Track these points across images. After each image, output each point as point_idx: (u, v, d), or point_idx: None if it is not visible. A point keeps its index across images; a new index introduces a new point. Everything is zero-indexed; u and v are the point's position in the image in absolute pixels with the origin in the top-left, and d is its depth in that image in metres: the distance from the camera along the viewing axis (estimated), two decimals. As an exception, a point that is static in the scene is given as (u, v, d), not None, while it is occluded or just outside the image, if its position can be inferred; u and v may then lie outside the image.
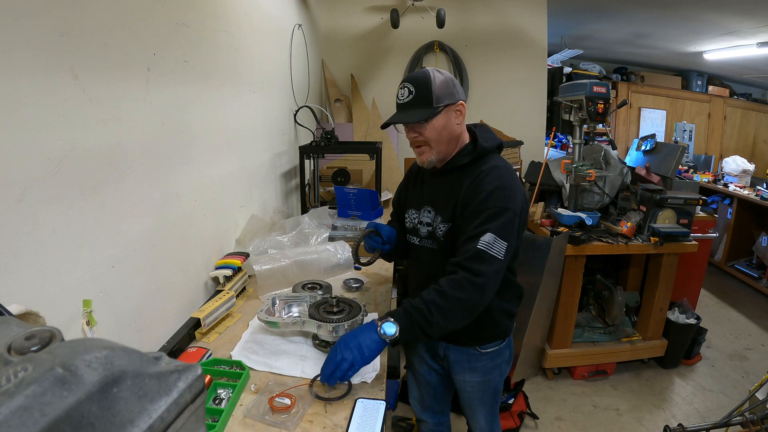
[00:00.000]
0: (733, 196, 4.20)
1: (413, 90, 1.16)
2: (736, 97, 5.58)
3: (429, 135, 1.19)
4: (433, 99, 1.15)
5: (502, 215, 1.11)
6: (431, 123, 1.17)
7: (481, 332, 1.29)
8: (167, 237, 1.22)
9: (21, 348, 0.35)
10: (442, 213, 1.24)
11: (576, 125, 2.48)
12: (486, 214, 1.11)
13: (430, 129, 1.18)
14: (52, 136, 0.79)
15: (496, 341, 1.32)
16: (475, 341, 1.31)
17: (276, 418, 0.92)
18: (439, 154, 1.22)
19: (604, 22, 4.14)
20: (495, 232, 1.09)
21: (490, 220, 1.11)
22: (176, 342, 1.15)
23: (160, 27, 1.14)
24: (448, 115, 1.19)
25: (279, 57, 2.26)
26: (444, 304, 1.06)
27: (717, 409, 2.37)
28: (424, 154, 1.23)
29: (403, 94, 1.18)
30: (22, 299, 0.73)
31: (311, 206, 2.34)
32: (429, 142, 1.20)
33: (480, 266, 1.08)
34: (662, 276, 2.48)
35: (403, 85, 1.19)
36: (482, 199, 1.13)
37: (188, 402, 0.38)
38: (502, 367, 1.37)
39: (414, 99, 1.16)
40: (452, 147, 1.23)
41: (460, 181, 1.21)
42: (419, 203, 1.32)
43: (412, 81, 1.17)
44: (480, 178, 1.17)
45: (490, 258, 1.08)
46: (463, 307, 1.08)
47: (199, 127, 1.38)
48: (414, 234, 1.33)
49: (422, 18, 3.38)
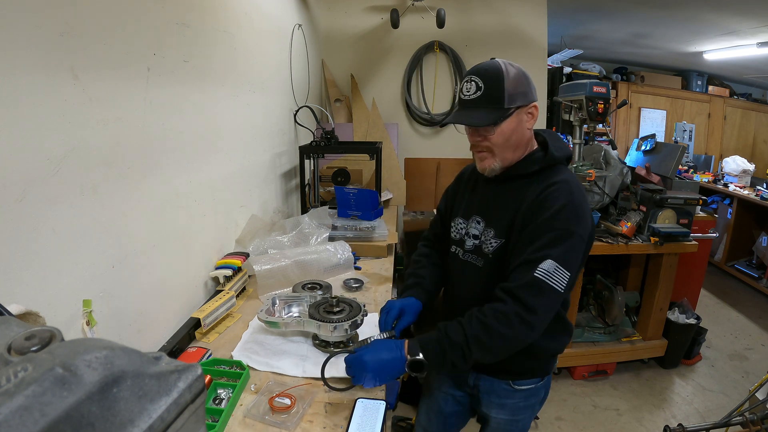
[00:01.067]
0: (733, 196, 4.20)
1: (482, 85, 0.99)
2: (736, 97, 5.58)
3: (495, 140, 1.03)
4: (504, 98, 0.99)
5: (567, 239, 0.96)
6: (500, 127, 1.01)
7: (517, 366, 1.13)
8: (167, 237, 1.22)
9: (21, 348, 0.35)
10: (495, 226, 1.08)
11: (576, 125, 2.47)
12: (549, 237, 0.96)
13: (497, 134, 1.02)
14: (52, 136, 0.79)
15: (533, 379, 1.17)
16: (510, 375, 1.16)
17: (276, 418, 0.92)
18: (503, 161, 1.06)
19: (604, 22, 4.14)
20: (557, 259, 0.94)
21: (554, 244, 0.95)
22: (176, 342, 1.15)
23: (160, 27, 1.14)
24: (519, 118, 1.02)
25: (279, 57, 2.26)
26: (487, 340, 0.94)
27: (717, 409, 2.37)
28: (485, 160, 1.07)
29: (469, 90, 1.01)
30: (22, 299, 0.73)
31: (311, 206, 2.34)
32: (493, 148, 1.04)
33: (535, 299, 0.93)
34: (662, 276, 2.48)
35: (470, 78, 1.02)
36: (547, 218, 0.97)
37: (188, 402, 0.38)
38: (535, 407, 1.22)
39: (482, 96, 1.00)
40: (519, 154, 1.07)
41: (522, 192, 1.05)
42: (468, 212, 1.17)
43: (481, 74, 1.00)
44: (547, 192, 1.01)
45: (548, 290, 0.93)
46: (507, 344, 0.96)
47: (199, 127, 1.38)
48: (459, 245, 1.18)
49: (422, 18, 3.38)
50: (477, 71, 1.01)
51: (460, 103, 1.05)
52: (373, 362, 0.96)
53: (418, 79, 3.53)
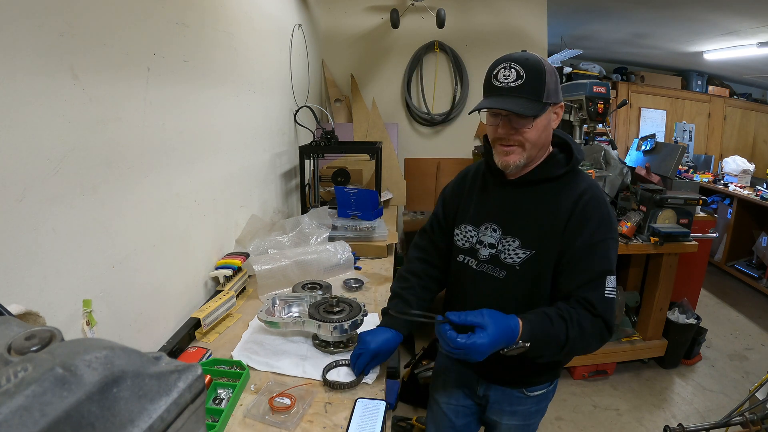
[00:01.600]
0: (733, 196, 4.20)
1: (523, 74, 0.92)
2: (736, 97, 5.58)
3: (530, 135, 0.96)
4: (544, 92, 0.93)
5: (613, 249, 0.97)
6: (536, 122, 0.95)
7: (533, 374, 1.12)
8: (167, 237, 1.22)
9: (21, 348, 0.35)
10: (519, 236, 1.02)
11: (576, 125, 2.48)
12: (602, 249, 0.96)
13: (533, 129, 0.95)
14: (52, 136, 0.79)
15: (546, 383, 1.15)
16: (524, 383, 1.13)
17: (276, 418, 0.92)
18: (529, 158, 1.00)
19: (604, 22, 4.14)
20: (613, 272, 0.96)
21: (607, 256, 0.96)
22: (176, 342, 1.15)
23: (160, 27, 1.14)
24: (549, 117, 0.99)
25: (279, 57, 2.26)
26: (579, 346, 0.93)
27: (717, 409, 2.37)
28: (512, 155, 0.99)
29: (508, 76, 0.93)
30: (22, 299, 0.73)
31: (311, 206, 2.34)
32: (525, 143, 0.97)
33: (612, 316, 0.95)
34: (662, 276, 2.48)
35: (509, 65, 0.93)
36: (595, 229, 0.96)
37: (188, 402, 0.38)
38: (545, 409, 1.20)
39: (523, 86, 0.92)
40: (542, 154, 1.03)
41: (551, 199, 1.00)
42: (478, 218, 1.09)
43: (522, 63, 0.93)
44: (584, 202, 0.98)
45: (614, 304, 0.96)
46: (582, 352, 0.98)
47: (199, 127, 1.38)
48: (470, 255, 1.10)
49: (422, 18, 3.38)
50: (517, 59, 0.94)
51: (494, 90, 0.96)
52: (500, 317, 0.89)
53: (418, 79, 3.53)
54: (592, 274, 0.95)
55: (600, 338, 0.95)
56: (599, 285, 0.94)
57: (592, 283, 0.95)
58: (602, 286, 0.94)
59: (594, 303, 0.93)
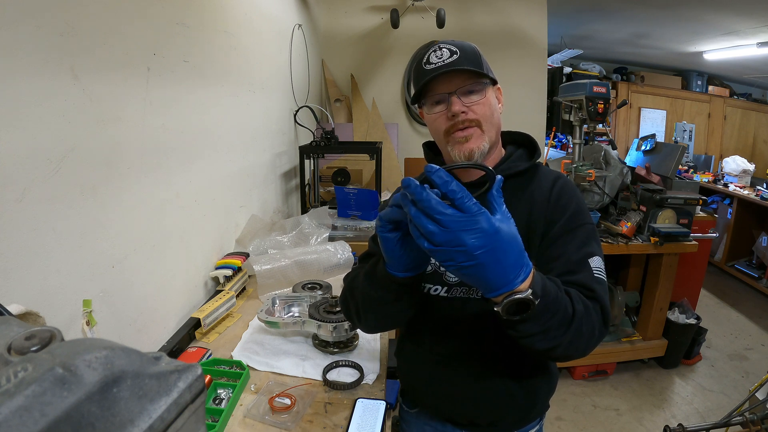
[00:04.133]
0: (733, 196, 4.20)
1: (457, 51, 0.84)
2: (736, 97, 5.58)
3: (483, 111, 0.85)
4: (483, 65, 0.85)
5: (594, 232, 0.86)
6: (485, 95, 0.85)
7: (515, 414, 0.95)
8: (167, 237, 1.22)
9: (21, 348, 0.35)
10: None
11: (576, 125, 2.48)
12: (582, 234, 0.83)
13: (484, 103, 0.85)
14: (52, 136, 0.79)
15: (533, 422, 0.99)
16: (507, 426, 0.96)
17: (276, 418, 0.92)
18: (489, 142, 0.87)
19: (604, 22, 4.14)
20: (597, 254, 0.82)
21: (588, 241, 0.83)
22: (176, 342, 1.15)
23: (160, 27, 1.14)
24: (494, 96, 0.89)
25: (279, 57, 2.26)
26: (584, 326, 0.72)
27: (717, 409, 2.37)
28: (472, 138, 0.85)
29: (441, 56, 0.84)
30: (22, 299, 0.73)
31: (311, 206, 2.34)
32: (482, 122, 0.85)
33: (608, 302, 0.79)
34: (662, 276, 2.48)
35: (439, 46, 0.85)
36: (572, 215, 0.84)
37: (188, 402, 0.38)
38: None
39: (460, 59, 0.83)
40: (497, 141, 0.91)
41: (522, 194, 0.88)
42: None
43: (452, 43, 0.86)
44: (558, 189, 0.88)
45: (605, 285, 0.81)
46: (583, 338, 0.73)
47: (199, 127, 1.38)
48: (435, 282, 0.89)
49: (422, 18, 3.38)
50: (448, 42, 0.86)
51: (432, 70, 0.83)
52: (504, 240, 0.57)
53: (418, 79, 3.53)
54: (575, 258, 0.80)
55: (599, 328, 0.75)
56: (585, 267, 0.80)
57: (576, 267, 0.80)
58: (588, 267, 0.80)
59: (587, 284, 0.77)
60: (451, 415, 0.98)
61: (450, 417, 0.98)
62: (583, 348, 0.75)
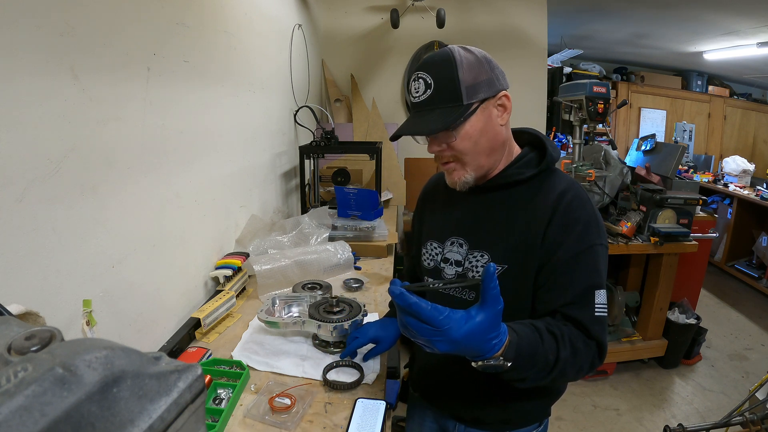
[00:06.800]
0: (733, 196, 4.20)
1: (431, 81, 0.81)
2: (736, 97, 5.58)
3: (461, 146, 0.84)
4: (461, 92, 0.80)
5: (603, 256, 0.83)
6: (463, 129, 0.82)
7: (517, 413, 0.96)
8: (167, 237, 1.22)
9: (21, 348, 0.35)
10: (490, 249, 0.88)
11: (576, 125, 2.48)
12: (589, 259, 0.81)
13: (462, 138, 0.83)
14: (52, 136, 0.79)
15: (531, 425, 0.98)
16: (508, 424, 0.97)
17: (276, 418, 0.92)
18: (477, 170, 0.87)
19: (604, 22, 4.14)
20: (601, 285, 0.81)
21: (595, 267, 0.81)
22: (176, 342, 1.15)
23: (160, 27, 1.14)
24: (486, 114, 0.83)
25: (279, 57, 2.26)
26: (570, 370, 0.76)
27: (717, 409, 2.37)
28: (454, 172, 0.87)
29: (418, 89, 0.83)
30: (22, 299, 0.73)
31: (311, 206, 2.34)
32: (461, 156, 0.85)
33: (604, 336, 0.80)
34: (662, 276, 2.48)
35: (417, 76, 0.83)
36: (580, 236, 0.81)
37: (188, 402, 0.38)
38: None
39: (433, 96, 0.81)
40: (496, 158, 0.88)
41: (522, 204, 0.87)
42: (443, 233, 0.95)
43: (429, 68, 0.82)
44: (566, 200, 0.84)
45: (605, 323, 0.81)
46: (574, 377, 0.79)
47: (199, 127, 1.38)
48: (435, 276, 0.96)
49: (422, 18, 3.38)
50: (424, 64, 0.83)
51: (412, 107, 0.86)
52: (466, 338, 0.64)
53: (418, 79, 3.53)
54: (578, 290, 0.80)
55: (591, 364, 0.79)
56: (588, 302, 0.80)
57: (579, 300, 0.80)
58: (591, 303, 0.80)
59: (585, 324, 0.79)
60: (458, 411, 1.02)
61: (456, 413, 1.02)
62: (569, 381, 0.81)
